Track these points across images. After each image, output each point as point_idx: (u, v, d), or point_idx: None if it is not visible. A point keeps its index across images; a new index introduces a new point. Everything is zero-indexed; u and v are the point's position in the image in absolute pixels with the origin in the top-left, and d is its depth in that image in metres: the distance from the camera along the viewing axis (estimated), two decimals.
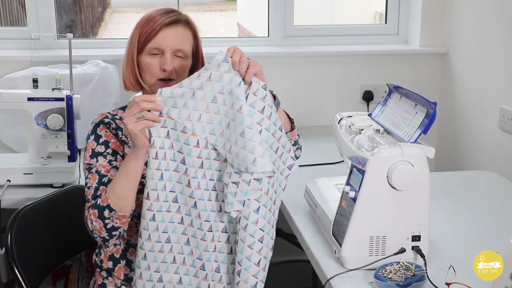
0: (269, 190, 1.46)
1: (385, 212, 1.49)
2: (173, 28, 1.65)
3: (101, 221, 1.49)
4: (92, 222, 1.50)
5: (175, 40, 1.65)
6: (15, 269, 1.65)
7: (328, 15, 4.08)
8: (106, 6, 3.60)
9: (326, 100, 2.96)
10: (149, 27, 1.64)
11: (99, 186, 1.56)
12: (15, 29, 2.92)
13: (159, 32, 1.63)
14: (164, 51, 1.64)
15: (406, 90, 1.62)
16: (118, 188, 1.48)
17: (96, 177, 1.57)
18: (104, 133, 1.63)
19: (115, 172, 1.58)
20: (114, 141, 1.63)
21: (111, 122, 1.65)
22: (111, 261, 1.66)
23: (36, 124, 2.12)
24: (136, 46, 1.65)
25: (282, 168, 1.53)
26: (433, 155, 1.50)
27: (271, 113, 1.48)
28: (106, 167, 1.59)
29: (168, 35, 1.64)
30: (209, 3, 4.52)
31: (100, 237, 1.52)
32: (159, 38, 1.63)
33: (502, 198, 2.08)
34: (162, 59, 1.64)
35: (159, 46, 1.64)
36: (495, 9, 2.52)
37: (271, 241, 1.49)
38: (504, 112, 2.43)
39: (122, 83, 1.73)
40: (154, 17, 1.65)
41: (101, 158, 1.59)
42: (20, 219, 1.73)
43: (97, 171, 1.58)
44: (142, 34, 1.64)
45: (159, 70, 1.64)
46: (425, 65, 2.98)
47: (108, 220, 1.49)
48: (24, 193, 2.07)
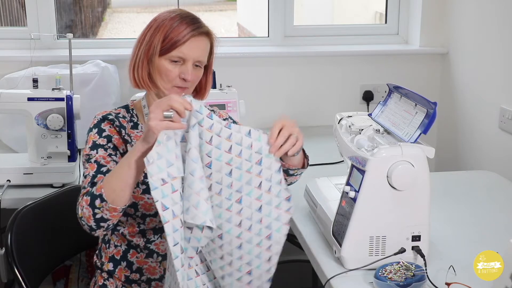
0: (251, 227, 1.39)
1: (385, 212, 1.49)
2: (199, 39, 1.63)
3: (91, 209, 1.43)
4: (83, 209, 1.45)
5: (199, 51, 1.63)
6: (15, 269, 1.65)
7: (328, 15, 4.08)
8: (106, 6, 3.60)
9: (326, 100, 2.96)
10: (176, 34, 1.60)
11: (96, 174, 1.52)
12: (15, 29, 2.93)
13: (187, 42, 1.60)
14: (187, 60, 1.61)
15: (406, 90, 1.62)
16: (115, 180, 1.43)
17: (95, 166, 1.55)
18: (108, 128, 1.62)
19: (114, 164, 1.56)
20: (117, 137, 1.61)
21: (115, 120, 1.64)
22: (112, 262, 1.65)
23: (36, 124, 2.12)
24: (159, 49, 1.61)
25: (277, 202, 1.41)
26: (433, 155, 1.50)
27: (241, 151, 1.38)
28: (105, 158, 1.56)
29: (194, 46, 1.61)
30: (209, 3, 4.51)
31: (87, 225, 1.46)
32: (185, 48, 1.60)
33: (502, 198, 2.08)
34: (183, 68, 1.61)
35: (183, 55, 1.61)
36: (495, 9, 2.52)
37: (261, 272, 1.43)
38: (504, 112, 2.43)
39: (132, 80, 1.67)
40: (180, 23, 1.61)
41: (101, 150, 1.58)
42: (20, 219, 1.73)
43: (96, 161, 1.55)
44: (168, 40, 1.60)
45: (177, 77, 1.62)
46: (425, 65, 2.98)
47: (98, 210, 1.42)
48: (24, 193, 2.07)
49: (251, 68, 2.88)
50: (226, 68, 2.70)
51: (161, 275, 1.63)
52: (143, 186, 1.60)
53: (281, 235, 1.41)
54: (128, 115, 1.69)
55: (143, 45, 1.63)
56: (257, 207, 1.40)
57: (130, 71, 1.66)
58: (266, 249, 1.41)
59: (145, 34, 1.64)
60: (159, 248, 1.63)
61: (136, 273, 1.63)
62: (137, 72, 1.64)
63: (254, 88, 2.86)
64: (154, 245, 1.63)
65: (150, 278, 1.63)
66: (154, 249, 1.63)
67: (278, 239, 1.41)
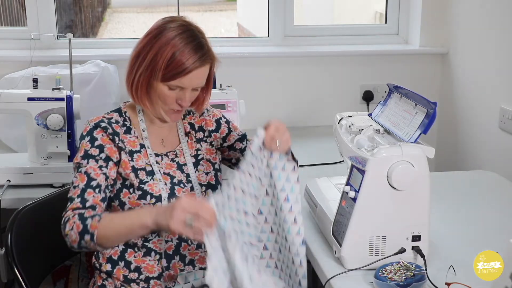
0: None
1: (385, 212, 1.49)
2: (201, 69, 1.59)
3: (78, 238, 1.50)
4: (71, 230, 1.50)
5: (199, 80, 1.61)
6: (15, 269, 1.65)
7: (328, 15, 4.08)
8: (106, 6, 3.60)
9: (326, 100, 2.96)
10: (180, 64, 1.55)
11: (86, 188, 1.55)
12: (15, 29, 2.93)
13: (188, 74, 1.57)
14: (185, 89, 1.60)
15: (406, 90, 1.62)
16: (112, 233, 1.50)
17: (85, 178, 1.56)
18: (101, 136, 1.61)
19: (103, 177, 1.57)
20: (109, 147, 1.61)
21: (108, 127, 1.62)
22: (110, 263, 1.65)
23: (36, 124, 2.12)
24: (160, 76, 1.56)
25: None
26: (433, 155, 1.50)
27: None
28: (96, 170, 1.57)
29: (195, 77, 1.59)
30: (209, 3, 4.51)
31: (70, 245, 1.53)
32: (185, 80, 1.57)
33: (502, 198, 2.08)
34: (181, 95, 1.60)
35: (183, 85, 1.59)
36: (495, 9, 2.52)
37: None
38: (504, 112, 2.43)
39: (131, 97, 1.65)
40: (185, 51, 1.55)
41: (92, 161, 1.58)
42: (20, 219, 1.72)
43: (86, 172, 1.56)
44: (170, 68, 1.55)
45: (174, 102, 1.61)
46: (425, 65, 2.98)
47: (85, 242, 1.50)
48: (24, 193, 2.07)
49: (251, 68, 2.88)
50: (226, 68, 2.68)
51: (159, 273, 1.63)
52: (139, 192, 1.60)
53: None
54: (121, 119, 1.67)
55: (143, 65, 1.58)
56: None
57: (129, 88, 1.64)
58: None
59: (146, 52, 1.58)
60: (156, 246, 1.63)
61: (134, 272, 1.63)
62: (136, 93, 1.62)
63: (254, 88, 2.86)
64: (152, 243, 1.63)
65: (148, 277, 1.63)
66: (152, 247, 1.63)
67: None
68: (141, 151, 1.65)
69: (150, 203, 1.60)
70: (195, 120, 1.78)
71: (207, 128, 1.77)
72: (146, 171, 1.63)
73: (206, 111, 1.80)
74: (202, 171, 1.71)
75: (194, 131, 1.76)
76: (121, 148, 1.63)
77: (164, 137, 1.72)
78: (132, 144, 1.65)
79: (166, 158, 1.69)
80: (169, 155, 1.70)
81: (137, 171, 1.62)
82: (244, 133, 1.83)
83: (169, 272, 1.63)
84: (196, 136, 1.76)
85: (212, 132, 1.77)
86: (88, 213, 1.52)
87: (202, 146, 1.75)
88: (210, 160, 1.74)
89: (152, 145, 1.68)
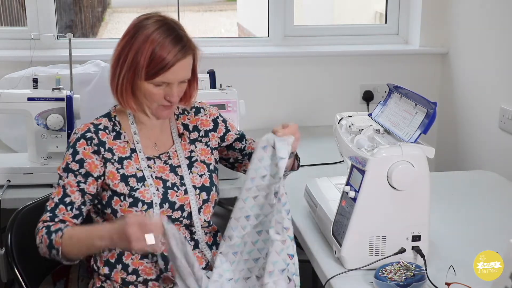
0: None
1: (385, 212, 1.49)
2: (183, 61, 1.57)
3: (48, 251, 1.54)
4: (41, 243, 1.55)
5: (184, 72, 1.59)
6: (15, 269, 1.65)
7: (328, 15, 4.08)
8: (106, 6, 3.60)
9: (326, 100, 2.96)
10: (160, 60, 1.53)
11: (59, 203, 1.58)
12: (15, 29, 2.93)
13: (172, 68, 1.55)
14: (172, 84, 1.58)
15: (406, 90, 1.62)
16: (74, 251, 1.53)
17: (60, 193, 1.59)
18: (82, 150, 1.60)
19: (79, 195, 1.58)
20: (90, 161, 1.59)
21: (94, 137, 1.61)
22: (107, 266, 1.64)
23: (36, 124, 2.12)
24: (144, 75, 1.55)
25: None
26: (433, 155, 1.50)
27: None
28: (73, 186, 1.58)
29: (179, 69, 1.56)
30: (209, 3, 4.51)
31: (41, 253, 1.58)
32: (169, 74, 1.55)
33: (502, 198, 2.08)
34: (168, 90, 1.58)
35: (168, 81, 1.57)
36: (495, 9, 2.52)
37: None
38: (504, 112, 2.43)
39: (116, 101, 1.63)
40: (164, 45, 1.54)
41: (71, 176, 1.59)
42: (20, 219, 1.72)
43: (63, 186, 1.59)
44: (152, 65, 1.54)
45: (163, 98, 1.59)
46: (425, 65, 2.98)
47: (54, 256, 1.54)
48: (24, 193, 2.07)
49: (251, 68, 2.88)
50: (226, 68, 2.70)
51: (157, 275, 1.62)
52: (130, 200, 1.59)
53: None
54: (110, 124, 1.65)
55: (125, 66, 1.57)
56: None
57: (114, 93, 1.62)
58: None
59: (127, 52, 1.57)
60: None
61: (132, 275, 1.62)
62: (122, 96, 1.60)
63: (254, 88, 2.86)
64: None
65: (146, 279, 1.62)
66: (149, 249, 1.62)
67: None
68: (132, 157, 1.63)
69: (142, 210, 1.59)
70: (189, 120, 1.74)
71: (203, 128, 1.74)
72: (137, 177, 1.61)
73: (202, 110, 1.77)
74: (196, 173, 1.68)
75: (188, 131, 1.73)
76: (106, 159, 1.61)
77: (156, 139, 1.69)
78: (122, 150, 1.63)
79: (158, 161, 1.66)
80: (161, 157, 1.67)
81: (127, 179, 1.60)
82: (242, 132, 1.82)
83: (167, 274, 1.62)
84: (190, 136, 1.73)
85: (209, 131, 1.74)
86: (54, 227, 1.55)
87: (196, 147, 1.72)
88: (205, 161, 1.71)
89: (144, 148, 1.65)
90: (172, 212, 1.62)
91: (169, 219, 1.60)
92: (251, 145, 1.79)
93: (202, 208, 1.66)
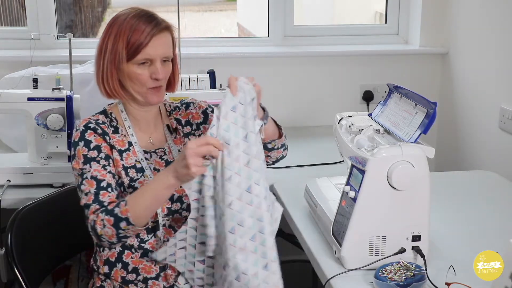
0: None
1: (385, 212, 1.49)
2: (161, 36, 1.61)
3: (115, 230, 1.49)
4: (104, 228, 1.49)
5: (164, 48, 1.62)
6: (15, 269, 1.65)
7: (328, 15, 4.08)
8: (106, 6, 3.60)
9: (326, 100, 2.96)
10: (137, 38, 1.58)
11: (98, 191, 1.55)
12: (15, 29, 2.93)
13: (149, 43, 1.59)
14: (154, 60, 1.60)
15: (406, 90, 1.62)
16: (142, 208, 1.48)
17: (93, 183, 1.56)
18: (94, 138, 1.61)
19: (110, 176, 1.58)
20: (104, 145, 1.61)
21: (97, 128, 1.63)
22: (107, 265, 1.65)
23: (36, 124, 2.12)
24: (125, 56, 1.59)
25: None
26: (433, 155, 1.50)
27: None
28: (101, 171, 1.57)
29: (158, 44, 1.60)
30: (209, 3, 4.51)
31: (108, 242, 1.53)
32: (149, 49, 1.59)
33: (502, 198, 2.08)
34: (153, 68, 1.61)
35: (149, 56, 1.59)
36: (495, 9, 2.52)
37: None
38: (504, 112, 2.43)
39: (103, 93, 1.66)
40: (138, 24, 1.59)
41: (94, 164, 1.58)
42: (20, 219, 1.72)
43: (93, 177, 1.56)
44: (131, 44, 1.58)
45: (149, 79, 1.61)
46: (425, 65, 2.98)
47: (123, 231, 1.49)
48: (24, 193, 2.07)
49: (251, 68, 2.88)
50: (226, 68, 2.70)
51: (157, 274, 1.63)
52: (130, 190, 1.61)
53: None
54: (107, 120, 1.68)
55: (107, 55, 1.62)
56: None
57: (100, 83, 1.65)
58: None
59: (106, 43, 1.62)
60: (153, 247, 1.63)
61: (132, 273, 1.63)
62: (107, 83, 1.64)
63: None
64: (148, 244, 1.63)
65: (146, 277, 1.63)
66: (149, 248, 1.63)
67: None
68: (130, 149, 1.65)
69: None
70: (181, 115, 1.78)
71: (194, 121, 1.77)
72: (136, 168, 1.63)
73: (192, 104, 1.80)
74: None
75: (181, 126, 1.76)
76: (113, 146, 1.63)
77: (150, 134, 1.72)
78: (121, 143, 1.65)
79: (155, 155, 1.69)
80: (157, 152, 1.70)
81: (127, 170, 1.62)
82: None
83: (166, 272, 1.63)
84: (183, 131, 1.76)
85: (200, 124, 1.77)
86: (111, 206, 1.52)
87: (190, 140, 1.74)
88: None
89: (140, 142, 1.68)
90: (172, 204, 1.64)
91: (169, 210, 1.63)
92: None
93: None
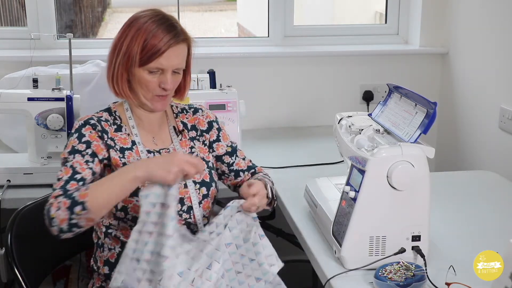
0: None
1: (385, 212, 1.49)
2: (177, 48, 1.60)
3: (68, 213, 1.42)
4: (58, 210, 1.43)
5: (178, 60, 1.62)
6: (15, 269, 1.65)
7: (328, 15, 4.08)
8: (106, 6, 3.60)
9: (326, 100, 2.96)
10: (154, 45, 1.57)
11: (69, 180, 1.51)
12: (15, 29, 2.92)
13: (164, 53, 1.58)
14: (166, 70, 1.60)
15: (406, 90, 1.62)
16: (101, 196, 1.44)
17: (69, 171, 1.53)
18: (89, 133, 1.61)
19: (89, 172, 1.55)
20: (96, 144, 1.60)
21: (97, 124, 1.63)
22: (107, 266, 1.65)
23: (36, 124, 2.12)
24: (138, 61, 1.58)
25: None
26: (433, 155, 1.50)
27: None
28: (82, 165, 1.56)
29: (172, 55, 1.59)
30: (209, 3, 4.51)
31: (57, 227, 1.44)
32: (163, 60, 1.58)
33: (502, 198, 2.08)
34: (162, 78, 1.61)
35: (162, 66, 1.59)
36: (495, 9, 2.52)
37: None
38: (504, 112, 2.43)
39: (112, 90, 1.66)
40: (157, 31, 1.58)
41: (78, 156, 1.57)
42: (20, 219, 1.72)
43: (72, 166, 1.54)
44: (146, 50, 1.57)
45: (157, 87, 1.61)
46: (425, 65, 2.98)
47: (76, 216, 1.42)
48: (24, 193, 2.07)
49: (251, 68, 2.88)
50: (226, 68, 2.70)
51: None
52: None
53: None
54: (111, 118, 1.67)
55: (120, 55, 1.61)
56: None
57: (110, 81, 1.65)
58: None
59: (121, 43, 1.61)
60: None
61: None
62: (117, 84, 1.64)
63: (254, 88, 2.86)
64: None
65: None
66: None
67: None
68: (133, 148, 1.65)
69: None
70: (187, 119, 1.77)
71: (199, 127, 1.77)
72: None
73: (200, 110, 1.80)
74: None
75: (187, 129, 1.76)
76: (109, 145, 1.62)
77: (154, 134, 1.71)
78: (123, 141, 1.65)
79: (158, 155, 1.68)
80: (161, 152, 1.69)
81: None
82: (235, 146, 1.82)
83: None
84: (189, 134, 1.76)
85: (203, 132, 1.77)
86: (71, 192, 1.47)
87: (195, 145, 1.75)
88: (204, 159, 1.73)
89: (144, 142, 1.67)
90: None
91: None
92: (240, 163, 1.80)
93: (202, 203, 1.66)
